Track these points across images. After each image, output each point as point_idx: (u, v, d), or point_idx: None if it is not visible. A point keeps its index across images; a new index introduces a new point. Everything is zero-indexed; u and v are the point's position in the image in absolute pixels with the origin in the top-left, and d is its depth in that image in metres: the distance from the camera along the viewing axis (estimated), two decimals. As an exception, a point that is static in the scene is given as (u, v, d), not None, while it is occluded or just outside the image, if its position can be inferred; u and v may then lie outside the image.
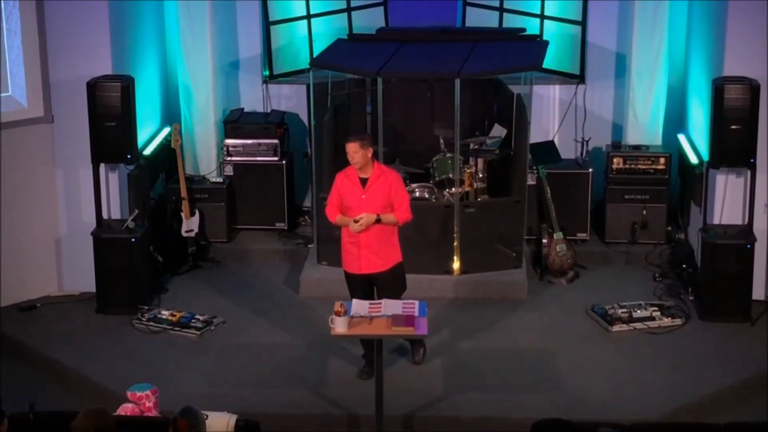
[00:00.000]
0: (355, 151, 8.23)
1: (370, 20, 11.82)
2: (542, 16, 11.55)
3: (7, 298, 9.90)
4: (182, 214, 10.65)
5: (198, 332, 9.34)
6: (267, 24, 11.67)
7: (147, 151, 10.38)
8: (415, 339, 8.54)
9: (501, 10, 11.78)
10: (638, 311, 9.46)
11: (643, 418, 7.81)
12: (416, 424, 8.05)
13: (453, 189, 10.14)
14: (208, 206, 10.93)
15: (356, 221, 8.23)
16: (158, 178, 10.89)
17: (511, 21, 11.71)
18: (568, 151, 11.24)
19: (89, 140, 9.54)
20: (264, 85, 11.74)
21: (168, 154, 10.74)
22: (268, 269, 10.68)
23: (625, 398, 8.27)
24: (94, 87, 9.44)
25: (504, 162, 10.69)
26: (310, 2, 11.79)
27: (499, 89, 11.10)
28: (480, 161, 10.53)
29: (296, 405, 8.23)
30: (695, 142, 10.35)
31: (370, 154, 8.29)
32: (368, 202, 8.29)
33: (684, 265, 10.11)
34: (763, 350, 8.93)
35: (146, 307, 9.67)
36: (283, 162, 11.18)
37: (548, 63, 10.61)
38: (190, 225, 10.68)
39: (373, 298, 8.29)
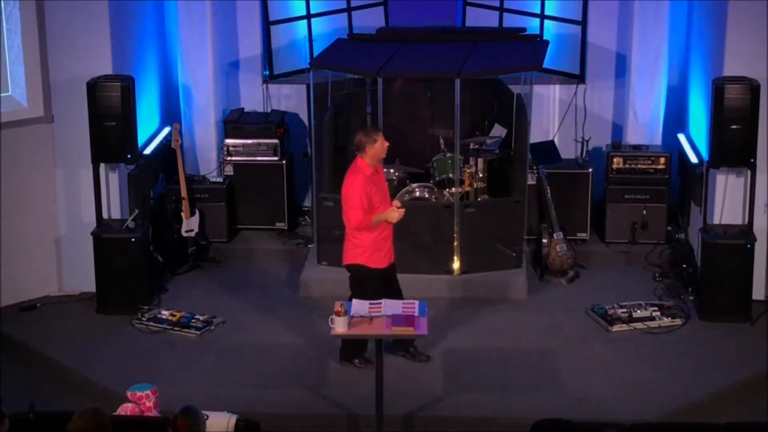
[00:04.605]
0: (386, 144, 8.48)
1: (370, 20, 11.81)
2: (542, 16, 11.54)
3: (7, 298, 9.89)
4: (182, 214, 10.65)
5: (198, 332, 9.33)
6: (267, 24, 11.67)
7: (147, 151, 10.39)
8: (411, 340, 8.58)
9: (501, 10, 11.78)
10: (638, 311, 9.46)
11: (643, 418, 7.81)
12: (416, 424, 8.04)
13: (453, 189, 10.14)
14: (208, 206, 10.93)
15: (400, 207, 8.41)
16: (158, 178, 10.88)
17: (511, 21, 11.70)
18: (568, 151, 11.24)
19: (89, 140, 9.54)
20: (264, 85, 11.74)
21: (168, 154, 10.74)
22: (268, 269, 10.67)
23: (625, 398, 8.26)
24: (94, 87, 9.44)
25: (504, 162, 10.69)
26: (310, 2, 11.78)
27: (499, 89, 11.10)
28: (480, 161, 10.53)
29: (296, 405, 8.23)
30: (695, 142, 10.35)
31: None
32: (386, 191, 8.54)
33: (684, 265, 10.11)
34: (763, 350, 8.92)
35: (146, 307, 9.66)
36: (283, 162, 11.17)
37: (548, 63, 10.59)
38: (190, 225, 10.68)
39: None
